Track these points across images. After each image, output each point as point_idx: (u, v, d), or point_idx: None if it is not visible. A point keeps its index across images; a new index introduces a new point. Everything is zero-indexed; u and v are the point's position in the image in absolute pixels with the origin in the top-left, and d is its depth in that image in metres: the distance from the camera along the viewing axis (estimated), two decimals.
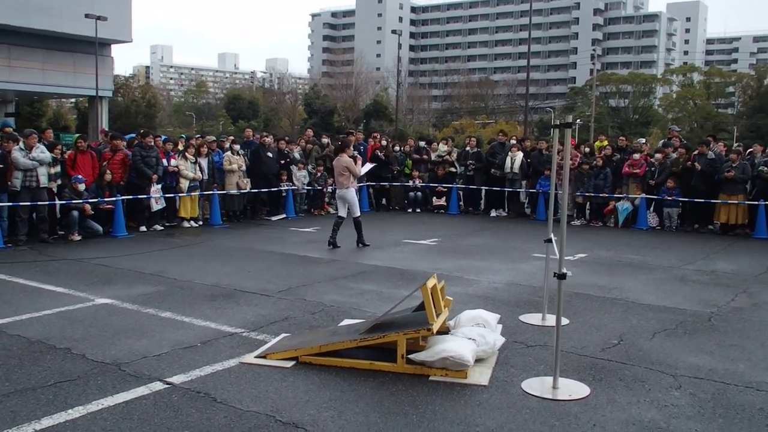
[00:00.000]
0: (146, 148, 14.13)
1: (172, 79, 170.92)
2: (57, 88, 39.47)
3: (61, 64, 38.30)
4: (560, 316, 5.57)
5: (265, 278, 9.46)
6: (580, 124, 56.61)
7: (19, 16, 34.17)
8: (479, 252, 12.03)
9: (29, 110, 55.74)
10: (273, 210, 16.83)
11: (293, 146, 17.85)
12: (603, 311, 7.89)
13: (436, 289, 6.21)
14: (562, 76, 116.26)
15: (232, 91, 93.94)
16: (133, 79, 77.63)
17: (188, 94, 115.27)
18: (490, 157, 17.77)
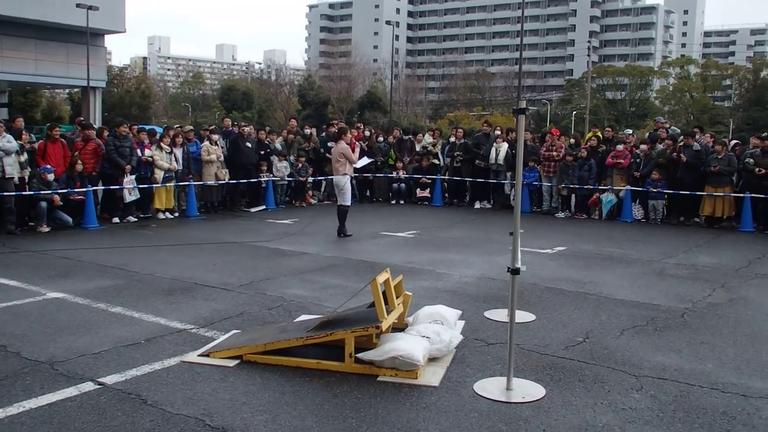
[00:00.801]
0: (119, 138, 13.79)
1: (169, 71, 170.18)
2: (50, 78, 39.01)
3: (54, 55, 37.86)
4: (513, 313, 5.25)
5: (229, 271, 9.15)
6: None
7: (11, 5, 33.73)
8: (456, 245, 11.73)
9: (23, 101, 55.29)
10: (253, 201, 16.50)
11: (274, 137, 17.47)
12: (573, 307, 7.58)
13: (389, 285, 5.89)
14: (559, 68, 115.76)
15: (227, 82, 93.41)
16: (127, 70, 77.04)
17: (184, 85, 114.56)
18: (474, 148, 17.41)
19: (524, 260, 9.99)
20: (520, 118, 5.10)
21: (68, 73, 38.97)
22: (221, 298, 7.70)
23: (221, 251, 10.77)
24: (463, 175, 17.65)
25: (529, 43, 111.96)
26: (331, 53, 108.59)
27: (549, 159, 16.27)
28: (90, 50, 37.63)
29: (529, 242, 11.65)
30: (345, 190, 12.18)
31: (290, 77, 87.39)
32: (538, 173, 16.52)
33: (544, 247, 11.51)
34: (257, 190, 16.54)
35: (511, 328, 5.20)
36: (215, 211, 15.66)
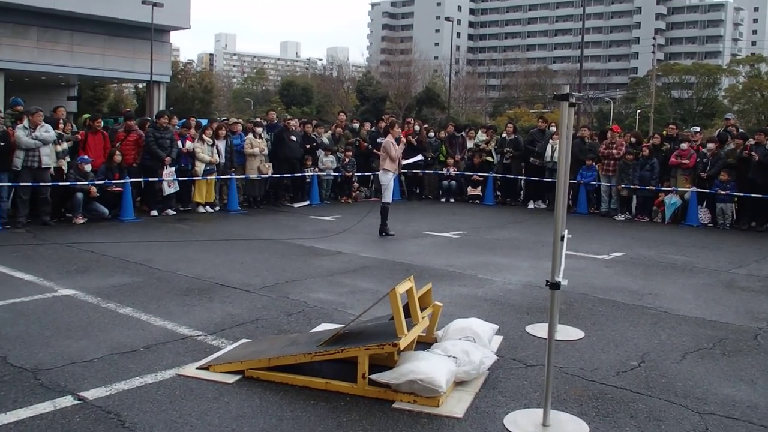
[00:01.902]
0: (160, 130, 13.33)
1: (234, 67, 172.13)
2: (117, 73, 39.82)
3: (121, 50, 38.49)
4: (552, 336, 4.39)
5: (254, 271, 8.50)
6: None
7: (80, 3, 34.34)
8: (503, 247, 10.88)
9: (91, 94, 56.31)
10: (297, 196, 15.92)
11: (321, 130, 16.84)
12: (629, 322, 6.66)
13: (413, 295, 5.11)
14: (623, 66, 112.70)
15: (287, 78, 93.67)
16: (191, 65, 77.87)
17: (248, 80, 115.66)
18: (529, 145, 16.47)
19: (577, 266, 9.19)
20: (562, 105, 4.23)
21: (134, 68, 39.64)
22: (239, 301, 7.04)
23: (252, 248, 10.16)
24: (513, 173, 16.75)
25: (592, 40, 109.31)
26: (391, 50, 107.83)
27: (608, 157, 15.22)
28: (155, 46, 38.03)
29: (583, 246, 10.79)
30: (387, 187, 11.54)
31: (351, 74, 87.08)
32: (597, 172, 15.49)
33: (600, 252, 10.57)
34: (302, 185, 15.94)
35: (549, 351, 4.35)
36: (257, 205, 15.12)
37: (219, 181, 14.50)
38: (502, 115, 66.91)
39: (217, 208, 14.43)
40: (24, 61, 34.20)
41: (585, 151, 15.63)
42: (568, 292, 7.54)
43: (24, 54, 34.19)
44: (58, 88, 41.97)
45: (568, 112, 4.68)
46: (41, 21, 34.39)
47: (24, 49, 34.28)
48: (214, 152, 14.02)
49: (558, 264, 4.43)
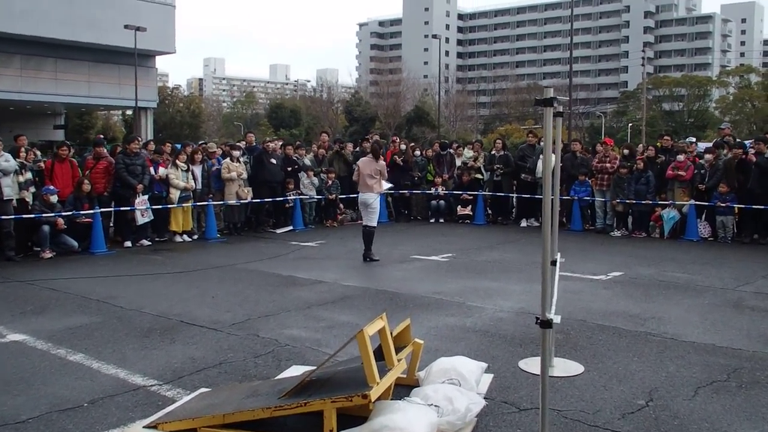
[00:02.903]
0: (130, 156, 12.75)
1: (224, 91, 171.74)
2: (103, 99, 39.28)
3: (107, 76, 38.07)
4: (546, 378, 3.78)
5: (226, 305, 7.89)
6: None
7: (65, 29, 33.99)
8: (494, 270, 10.30)
9: (78, 122, 55.93)
10: (279, 221, 15.33)
11: (302, 151, 16.31)
12: (632, 353, 6.06)
13: (386, 336, 4.50)
14: (613, 80, 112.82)
15: (274, 100, 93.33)
16: (178, 90, 77.54)
17: (237, 104, 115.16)
18: (519, 161, 15.95)
19: (573, 289, 8.56)
20: (546, 112, 3.66)
21: (120, 94, 39.14)
22: (204, 342, 6.41)
23: (227, 279, 9.55)
24: (504, 190, 16.24)
25: (581, 55, 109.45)
26: (380, 70, 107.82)
27: (602, 171, 14.73)
28: (140, 71, 37.63)
29: (578, 266, 10.25)
30: (374, 210, 11.02)
31: (341, 95, 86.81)
32: (590, 187, 14.96)
33: (597, 272, 10.00)
34: (284, 210, 15.35)
35: (544, 397, 3.74)
36: (238, 232, 14.52)
37: (196, 208, 13.92)
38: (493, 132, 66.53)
39: (195, 236, 13.82)
40: (8, 90, 33.72)
41: (577, 165, 15.16)
42: (564, 318, 6.94)
43: (7, 83, 33.70)
44: (44, 116, 41.55)
45: (553, 120, 4.14)
46: (24, 49, 33.95)
47: (7, 77, 33.80)
48: (190, 178, 13.46)
49: (549, 296, 3.82)
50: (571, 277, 9.41)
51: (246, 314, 7.46)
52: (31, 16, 32.71)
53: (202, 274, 9.97)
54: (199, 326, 6.97)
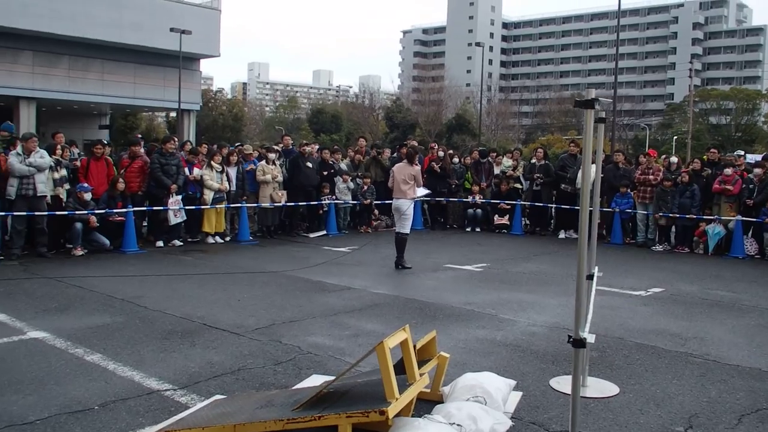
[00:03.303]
0: (166, 155, 12.71)
1: (267, 95, 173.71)
2: (148, 101, 39.89)
3: (152, 78, 38.62)
4: (577, 402, 3.49)
5: (251, 309, 7.72)
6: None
7: (111, 31, 34.59)
8: (529, 282, 9.99)
9: (123, 123, 56.69)
10: (313, 226, 15.19)
11: (338, 156, 16.17)
12: (672, 374, 5.73)
13: (408, 349, 4.25)
14: (659, 92, 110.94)
15: (316, 105, 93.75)
16: (221, 93, 78.28)
17: (280, 108, 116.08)
18: (559, 171, 15.60)
19: (611, 304, 8.20)
20: (586, 115, 3.40)
21: (165, 96, 39.66)
22: (225, 346, 6.23)
23: (255, 283, 9.40)
24: (543, 200, 15.90)
25: (627, 66, 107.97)
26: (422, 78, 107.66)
27: (645, 183, 14.31)
28: (185, 74, 38.01)
29: (617, 281, 9.91)
30: (407, 216, 10.83)
31: (383, 102, 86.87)
32: (632, 200, 14.55)
33: (637, 287, 9.64)
34: (318, 214, 15.23)
35: (574, 419, 3.46)
36: (271, 236, 14.43)
37: (230, 210, 13.83)
38: (535, 142, 65.91)
39: (227, 238, 13.78)
40: (55, 89, 34.40)
41: (619, 177, 14.77)
42: (600, 336, 6.65)
43: (55, 83, 34.40)
44: (90, 116, 42.22)
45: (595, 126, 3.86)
46: (72, 50, 34.62)
47: (55, 78, 34.51)
48: (224, 179, 13.37)
49: (583, 313, 3.54)
50: (609, 292, 9.09)
51: (270, 319, 7.28)
52: (79, 18, 33.31)
53: (230, 277, 9.84)
54: (221, 330, 6.81)
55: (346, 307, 7.95)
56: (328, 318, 7.41)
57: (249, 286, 9.20)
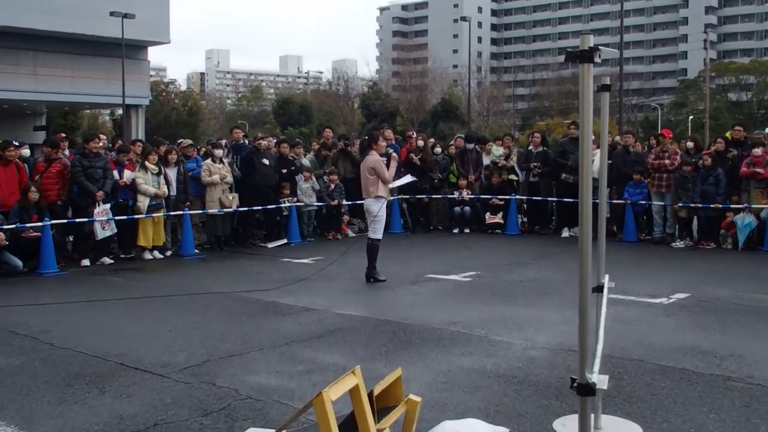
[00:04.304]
0: (89, 156, 12.08)
1: (228, 86, 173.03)
2: (89, 97, 39.49)
3: (92, 71, 38.11)
4: None
5: (183, 342, 7.09)
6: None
7: (45, 19, 33.82)
8: (527, 293, 9.50)
9: (62, 122, 55.94)
10: (272, 234, 14.65)
11: (300, 150, 15.72)
12: (708, 405, 5.15)
13: (360, 398, 3.59)
14: (670, 67, 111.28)
15: (282, 95, 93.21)
16: (173, 85, 77.63)
17: (242, 100, 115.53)
18: (559, 158, 15.17)
19: (627, 316, 7.64)
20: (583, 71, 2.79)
21: (108, 91, 39.14)
22: (143, 392, 5.58)
23: (194, 307, 8.80)
24: (542, 194, 15.52)
25: (633, 40, 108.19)
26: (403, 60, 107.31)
27: (660, 169, 13.89)
28: (130, 65, 37.43)
29: (633, 286, 9.43)
30: (378, 219, 10.33)
31: (359, 88, 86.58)
32: (646, 189, 14.17)
33: (657, 293, 9.17)
34: (278, 220, 14.77)
35: None
36: (221, 248, 13.85)
37: (170, 220, 13.28)
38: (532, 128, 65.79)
39: (168, 253, 13.19)
40: None
41: (630, 162, 14.35)
42: (615, 359, 6.16)
43: None
44: (23, 117, 41.38)
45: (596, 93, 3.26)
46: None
47: None
48: (162, 183, 12.77)
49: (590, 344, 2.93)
50: (623, 300, 8.61)
51: (205, 354, 6.64)
52: (6, 3, 32.33)
53: (165, 302, 9.22)
54: (141, 371, 6.16)
55: (301, 334, 7.35)
56: (278, 349, 6.79)
57: (186, 311, 8.59)
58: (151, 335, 7.41)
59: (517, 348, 6.74)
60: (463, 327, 7.53)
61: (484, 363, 6.26)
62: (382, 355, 6.55)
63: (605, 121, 4.89)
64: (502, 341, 6.98)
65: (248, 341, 7.10)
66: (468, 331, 7.34)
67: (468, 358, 6.39)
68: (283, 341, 7.08)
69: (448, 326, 7.58)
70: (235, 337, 7.26)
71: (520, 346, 6.81)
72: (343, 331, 7.49)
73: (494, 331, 7.37)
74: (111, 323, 8.01)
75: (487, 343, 6.90)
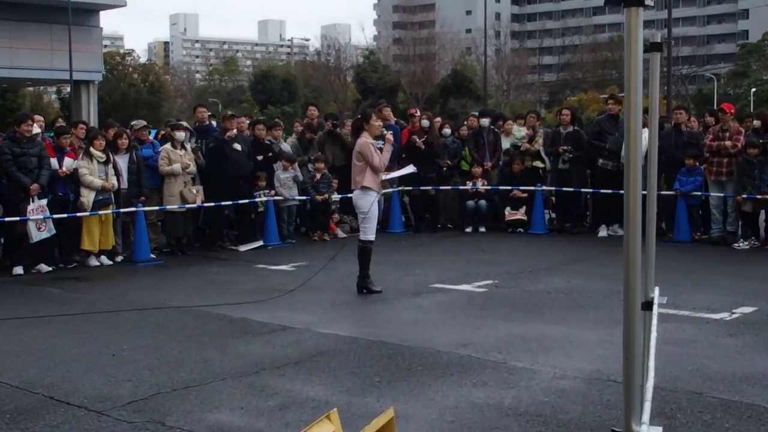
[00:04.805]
0: (21, 143, 12.09)
1: (197, 57, 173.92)
2: (30, 71, 39.36)
3: (35, 40, 37.98)
4: None
5: (128, 370, 7.00)
6: None
7: None
8: (556, 306, 9.49)
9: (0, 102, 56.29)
10: (245, 235, 14.76)
11: (279, 132, 15.77)
12: None
13: None
14: (728, 29, 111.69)
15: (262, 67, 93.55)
16: (131, 56, 77.85)
17: (214, 73, 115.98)
18: (594, 140, 15.12)
19: (680, 336, 7.64)
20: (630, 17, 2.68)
21: (54, 64, 39.03)
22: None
23: (146, 325, 8.80)
24: (574, 184, 15.50)
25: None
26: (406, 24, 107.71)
27: (720, 153, 13.93)
28: (79, 32, 37.36)
29: (687, 298, 9.47)
30: (369, 217, 10.30)
31: (355, 59, 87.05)
32: (702, 177, 14.20)
33: (716, 307, 9.11)
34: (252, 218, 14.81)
35: None
36: (183, 251, 13.96)
37: (121, 218, 13.34)
38: (561, 104, 65.85)
39: (118, 258, 13.32)
40: None
41: (683, 144, 14.30)
42: (667, 391, 6.02)
43: None
44: None
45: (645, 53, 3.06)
46: None
47: None
48: (110, 173, 12.80)
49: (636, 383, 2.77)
50: (675, 316, 8.55)
51: (155, 385, 6.52)
52: None
53: (111, 318, 9.24)
54: (75, 406, 6.07)
55: (275, 360, 7.27)
56: (246, 379, 6.69)
57: (136, 331, 8.58)
58: (90, 361, 7.35)
59: (542, 377, 6.63)
60: (475, 350, 7.44)
61: (502, 397, 6.14)
62: (374, 386, 6.41)
63: (655, 90, 4.65)
64: (524, 369, 6.87)
65: (209, 368, 7.02)
66: (482, 356, 7.26)
67: (481, 391, 6.28)
68: (253, 368, 6.99)
69: (457, 349, 7.49)
70: (194, 364, 7.17)
71: (546, 374, 6.71)
72: (327, 355, 7.42)
73: (514, 355, 7.28)
74: (43, 345, 7.99)
75: (505, 371, 6.79)
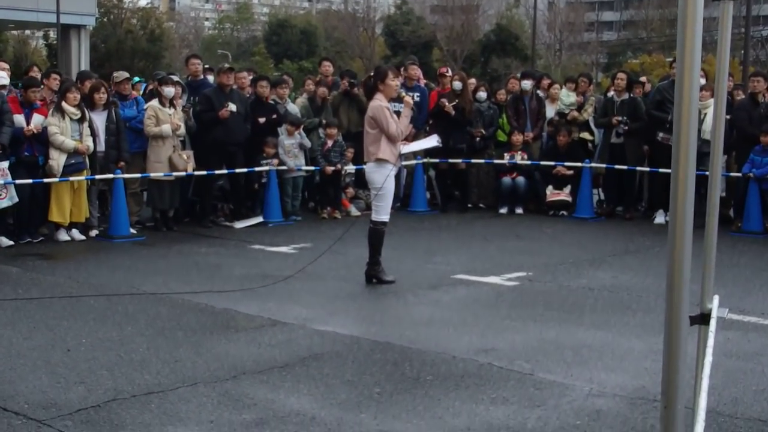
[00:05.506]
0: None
1: (207, 2, 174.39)
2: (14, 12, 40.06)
3: None
4: None
5: (85, 368, 6.83)
6: None
7: None
8: (599, 307, 9.25)
9: None
10: (241, 209, 14.78)
11: (285, 90, 15.70)
12: None
13: None
14: None
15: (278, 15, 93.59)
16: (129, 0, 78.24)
17: (224, 21, 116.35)
18: (654, 110, 14.84)
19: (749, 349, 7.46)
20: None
21: (40, 5, 39.37)
22: None
23: (112, 315, 8.66)
24: (629, 162, 15.27)
25: None
26: None
27: None
28: None
29: (754, 302, 9.40)
30: (382, 194, 10.14)
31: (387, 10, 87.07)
32: None
33: None
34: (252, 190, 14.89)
35: None
36: (169, 227, 13.95)
37: (97, 186, 13.37)
38: (622, 67, 65.48)
39: (93, 232, 13.30)
40: None
41: (759, 118, 14.00)
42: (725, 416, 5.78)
43: None
44: None
45: None
46: None
47: None
48: (85, 133, 12.70)
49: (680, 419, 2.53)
50: (739, 323, 8.29)
51: (113, 389, 6.33)
52: None
53: (72, 305, 9.11)
54: (11, 413, 5.89)
55: (259, 363, 7.08)
56: (220, 385, 6.48)
57: (99, 321, 8.44)
58: (40, 357, 7.18)
59: (575, 395, 6.38)
60: (498, 358, 7.20)
61: (525, 417, 5.88)
62: (372, 399, 6.16)
63: (725, 50, 4.24)
64: (554, 383, 6.62)
65: (178, 371, 6.83)
66: (505, 365, 7.01)
67: (501, 410, 6.02)
68: (230, 372, 6.79)
69: (477, 356, 7.25)
70: (161, 364, 6.99)
71: (580, 391, 6.44)
72: (321, 359, 7.22)
73: (544, 365, 7.03)
74: None
75: (531, 386, 6.54)
